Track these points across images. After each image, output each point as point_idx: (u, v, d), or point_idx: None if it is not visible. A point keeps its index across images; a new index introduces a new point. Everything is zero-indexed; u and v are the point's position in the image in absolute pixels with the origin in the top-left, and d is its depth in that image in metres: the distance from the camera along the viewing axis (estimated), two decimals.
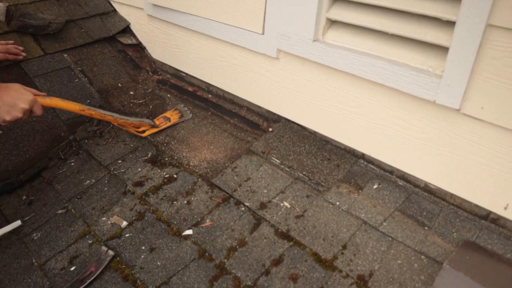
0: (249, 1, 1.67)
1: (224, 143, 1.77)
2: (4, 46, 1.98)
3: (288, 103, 1.74)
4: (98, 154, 1.82)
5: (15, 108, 1.47)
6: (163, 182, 1.65)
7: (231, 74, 1.90)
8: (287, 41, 1.60)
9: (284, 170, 1.60)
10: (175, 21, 2.02)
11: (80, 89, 2.03)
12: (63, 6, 2.28)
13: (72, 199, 1.66)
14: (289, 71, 1.67)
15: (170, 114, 1.98)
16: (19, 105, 1.48)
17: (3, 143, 1.79)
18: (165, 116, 1.96)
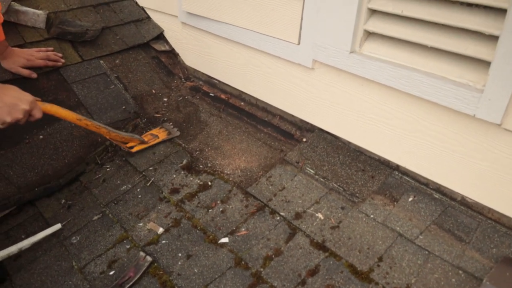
0: (285, 11, 1.68)
1: (258, 152, 1.80)
2: (44, 53, 2.04)
3: (322, 113, 1.75)
4: (134, 160, 1.86)
5: (16, 109, 1.44)
6: (198, 189, 1.68)
7: (265, 83, 1.92)
8: (324, 52, 1.61)
9: (318, 181, 1.61)
10: (209, 29, 2.05)
11: (116, 96, 2.08)
12: (99, 13, 2.34)
13: (109, 204, 1.70)
14: (324, 82, 1.68)
15: (157, 131, 1.98)
16: (20, 106, 1.44)
17: (44, 148, 1.85)
18: (152, 133, 1.97)
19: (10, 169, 1.76)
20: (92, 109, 2.00)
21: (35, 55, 2.01)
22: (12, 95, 1.44)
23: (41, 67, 2.02)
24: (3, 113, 1.42)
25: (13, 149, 1.81)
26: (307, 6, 1.61)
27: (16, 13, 2.09)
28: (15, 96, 1.45)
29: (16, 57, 1.96)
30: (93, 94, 2.06)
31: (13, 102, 1.43)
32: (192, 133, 1.95)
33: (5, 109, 1.41)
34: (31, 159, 1.81)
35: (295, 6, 1.65)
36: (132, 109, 2.05)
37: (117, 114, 2.01)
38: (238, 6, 1.85)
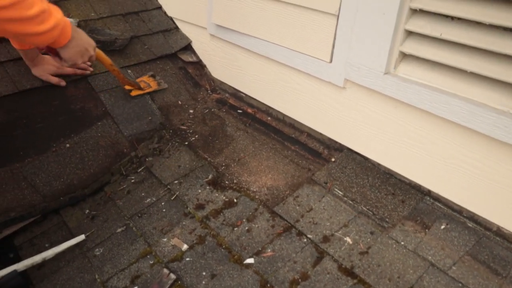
0: (318, 29, 1.66)
1: (285, 170, 1.77)
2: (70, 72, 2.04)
3: (352, 133, 1.71)
4: (159, 172, 1.85)
5: (86, 53, 1.61)
6: (223, 206, 1.66)
7: (294, 99, 1.89)
8: (356, 71, 1.58)
9: (347, 203, 1.57)
10: (238, 42, 2.04)
11: (142, 106, 2.08)
12: (128, 22, 2.34)
13: (133, 217, 1.69)
14: (356, 102, 1.65)
15: (147, 79, 2.20)
16: (89, 51, 1.62)
17: (70, 157, 1.85)
18: (144, 80, 2.19)
19: (36, 177, 1.77)
20: (118, 119, 2.00)
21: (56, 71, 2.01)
22: (85, 40, 1.60)
23: (70, 75, 2.03)
24: (78, 56, 1.59)
25: (40, 157, 1.82)
26: (341, 24, 1.58)
27: None
28: (86, 41, 1.61)
29: (46, 64, 1.98)
30: (120, 103, 2.06)
31: (85, 46, 1.60)
32: (218, 147, 1.93)
33: (79, 52, 1.59)
34: (57, 167, 1.81)
35: (328, 24, 1.62)
36: (158, 120, 2.04)
37: (143, 125, 2.01)
38: (269, 21, 1.83)
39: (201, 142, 1.97)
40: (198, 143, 1.97)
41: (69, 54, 1.59)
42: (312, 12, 1.66)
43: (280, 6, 1.76)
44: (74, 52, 1.60)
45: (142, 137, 1.98)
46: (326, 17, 1.62)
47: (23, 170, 1.77)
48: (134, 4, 2.43)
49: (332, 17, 1.60)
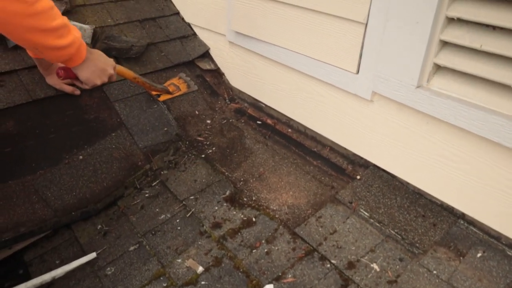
0: (344, 37, 1.56)
1: (307, 187, 1.67)
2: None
3: (378, 148, 1.60)
4: (174, 187, 1.77)
5: (105, 73, 1.58)
6: (241, 225, 1.56)
7: (316, 111, 1.79)
8: (385, 84, 1.47)
9: (373, 225, 1.47)
10: (258, 50, 1.95)
11: (158, 116, 2.00)
12: (145, 28, 2.28)
13: (147, 234, 1.61)
14: (384, 116, 1.54)
15: (177, 81, 2.16)
16: (108, 71, 1.58)
17: (83, 169, 1.78)
18: (173, 83, 2.15)
19: (48, 190, 1.71)
20: (133, 130, 1.93)
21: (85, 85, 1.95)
22: (102, 60, 1.57)
23: None
24: (96, 76, 1.56)
25: (52, 169, 1.76)
26: (370, 33, 1.47)
27: None
28: (104, 62, 1.58)
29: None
30: (135, 113, 1.99)
31: (103, 67, 1.57)
32: (236, 160, 1.85)
33: (97, 73, 1.55)
34: (70, 180, 1.75)
35: (355, 33, 1.52)
36: (174, 131, 1.96)
37: (158, 136, 1.93)
38: (291, 29, 1.73)
39: (219, 155, 1.89)
40: (215, 156, 1.89)
41: (86, 75, 1.55)
42: (338, 20, 1.56)
43: (304, 14, 1.66)
44: (91, 72, 1.56)
45: (157, 148, 1.90)
46: (353, 26, 1.52)
47: (35, 183, 1.71)
48: (151, 10, 2.37)
49: (360, 25, 1.50)
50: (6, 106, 1.82)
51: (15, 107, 1.84)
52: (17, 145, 1.77)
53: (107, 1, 2.30)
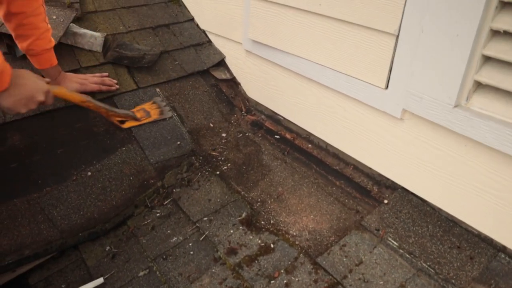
0: (372, 50, 1.43)
1: (329, 211, 1.54)
2: (99, 78, 1.90)
3: (408, 170, 1.47)
4: (187, 207, 1.66)
5: (32, 100, 1.43)
6: (258, 252, 1.45)
7: (339, 127, 1.67)
8: (418, 102, 1.34)
9: (403, 257, 1.34)
10: (277, 60, 1.83)
11: (171, 129, 1.90)
12: (158, 36, 2.18)
13: (157, 259, 1.51)
14: (415, 136, 1.41)
15: (149, 107, 1.95)
16: (36, 98, 1.44)
17: (91, 187, 1.69)
18: (144, 108, 1.93)
19: (54, 209, 1.62)
20: (144, 143, 1.83)
21: (89, 79, 1.88)
22: (29, 85, 1.42)
23: (94, 92, 1.88)
24: (20, 105, 1.41)
25: (59, 186, 1.67)
26: (402, 46, 1.35)
27: (74, 36, 1.97)
28: (32, 88, 1.43)
29: (69, 82, 1.84)
30: (146, 126, 1.89)
31: (30, 94, 1.42)
32: (253, 178, 1.73)
33: (22, 101, 1.41)
34: (77, 198, 1.66)
35: (385, 45, 1.39)
36: (188, 145, 1.86)
37: (171, 151, 1.83)
38: (314, 39, 1.61)
39: (234, 172, 1.77)
40: (230, 173, 1.78)
41: (8, 104, 1.39)
42: (366, 30, 1.43)
43: (329, 23, 1.54)
44: (14, 101, 1.39)
45: (169, 164, 1.80)
46: (383, 37, 1.39)
47: (41, 201, 1.62)
48: (164, 16, 2.27)
49: (390, 37, 1.37)
50: (13, 118, 1.75)
51: (21, 120, 1.76)
52: (23, 161, 1.69)
53: (119, 7, 2.21)
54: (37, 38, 1.68)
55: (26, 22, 1.64)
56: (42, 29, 1.69)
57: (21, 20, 1.63)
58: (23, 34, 1.67)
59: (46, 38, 1.72)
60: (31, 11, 1.63)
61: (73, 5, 2.06)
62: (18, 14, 1.61)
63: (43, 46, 1.71)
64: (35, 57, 1.74)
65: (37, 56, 1.73)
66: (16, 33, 1.67)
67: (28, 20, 1.64)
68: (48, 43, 1.73)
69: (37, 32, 1.68)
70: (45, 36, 1.72)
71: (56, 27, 1.91)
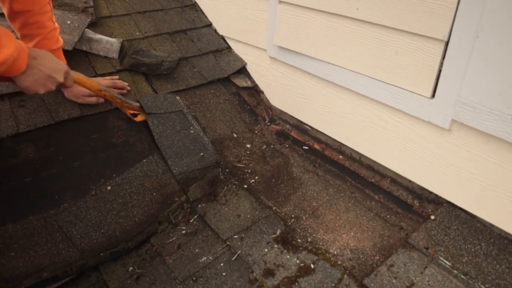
0: (417, 57, 1.35)
1: (371, 227, 1.45)
2: (111, 81, 1.80)
3: (455, 184, 1.39)
4: (215, 223, 1.56)
5: (51, 81, 1.38)
6: (298, 273, 1.35)
7: (375, 138, 1.58)
8: (470, 112, 1.25)
9: (458, 278, 1.25)
10: (306, 68, 1.74)
11: (193, 139, 1.79)
12: (175, 42, 2.08)
13: (187, 281, 1.40)
14: (464, 148, 1.33)
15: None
16: (55, 78, 1.38)
17: (111, 202, 1.58)
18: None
19: (73, 227, 1.51)
20: (167, 152, 1.71)
21: (100, 82, 1.77)
22: (49, 66, 1.36)
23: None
24: (38, 85, 1.35)
25: (77, 202, 1.56)
26: (452, 52, 1.26)
27: (89, 42, 1.86)
28: (51, 68, 1.36)
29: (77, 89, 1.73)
30: (168, 133, 1.77)
31: (50, 74, 1.36)
32: (284, 192, 1.63)
33: (41, 81, 1.35)
34: (97, 215, 1.55)
35: (432, 52, 1.31)
36: (211, 156, 1.75)
37: (194, 162, 1.72)
38: (349, 45, 1.53)
39: (263, 186, 1.68)
40: (259, 186, 1.68)
41: (26, 83, 1.33)
42: (410, 36, 1.35)
43: (366, 28, 1.46)
44: (33, 81, 1.33)
45: (193, 176, 1.69)
46: (429, 43, 1.31)
47: (58, 219, 1.51)
48: (181, 22, 2.17)
49: (439, 43, 1.29)
50: (27, 129, 1.64)
51: (36, 130, 1.66)
52: (38, 174, 1.58)
53: (135, 12, 2.11)
54: (43, 38, 1.59)
55: (32, 21, 1.54)
56: (48, 28, 1.59)
57: (26, 19, 1.53)
58: (29, 33, 1.57)
59: (53, 37, 1.62)
60: (37, 9, 1.53)
61: (87, 9, 1.96)
62: (23, 13, 1.51)
63: (50, 46, 1.61)
64: None
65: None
66: (22, 33, 1.57)
67: (34, 19, 1.54)
68: (55, 42, 1.63)
69: (44, 31, 1.58)
70: (52, 36, 1.62)
71: (70, 32, 1.81)
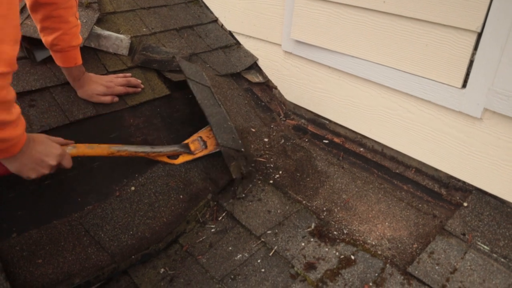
0: (447, 48, 1.38)
1: (404, 217, 1.47)
2: (124, 79, 1.74)
3: (486, 172, 1.43)
4: (245, 220, 1.54)
5: (42, 165, 1.32)
6: (339, 265, 1.35)
7: (401, 129, 1.60)
8: (505, 101, 1.29)
9: (498, 261, 1.28)
10: (326, 61, 1.75)
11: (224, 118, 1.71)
12: (183, 38, 2.04)
13: (225, 279, 1.37)
14: (496, 136, 1.37)
15: (206, 135, 1.71)
16: (46, 162, 1.33)
17: (137, 203, 1.53)
18: (200, 137, 1.70)
19: (100, 229, 1.45)
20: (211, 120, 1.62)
21: (114, 81, 1.71)
22: (39, 150, 1.31)
23: (122, 94, 1.72)
24: (28, 169, 1.29)
25: (102, 204, 1.50)
26: (485, 42, 1.30)
27: (97, 38, 1.79)
28: (42, 151, 1.32)
29: (94, 84, 1.67)
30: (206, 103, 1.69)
31: (40, 158, 1.31)
32: (311, 186, 1.63)
33: (30, 166, 1.29)
34: (124, 217, 1.49)
35: (464, 43, 1.34)
36: (239, 141, 1.71)
37: (229, 140, 1.66)
38: (375, 38, 1.54)
39: (289, 180, 1.67)
40: (285, 181, 1.67)
41: (13, 167, 1.26)
42: (440, 28, 1.38)
43: (393, 21, 1.48)
44: (19, 166, 1.27)
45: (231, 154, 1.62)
46: (461, 35, 1.34)
47: (83, 222, 1.45)
48: (187, 17, 2.13)
49: (471, 34, 1.32)
50: (40, 130, 1.56)
51: (50, 131, 1.57)
52: (56, 176, 1.51)
53: (139, 8, 2.05)
54: (64, 33, 1.52)
55: (55, 14, 1.47)
56: (71, 23, 1.52)
57: (50, 11, 1.46)
58: (50, 26, 1.50)
59: (74, 34, 1.56)
60: (62, 3, 1.46)
61: (92, 5, 1.89)
62: (47, 5, 1.44)
63: (70, 42, 1.55)
64: (59, 54, 1.57)
65: (62, 52, 1.56)
66: (42, 25, 1.50)
67: (57, 12, 1.47)
68: (75, 39, 1.57)
69: (66, 27, 1.51)
70: (74, 32, 1.55)
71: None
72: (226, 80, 1.98)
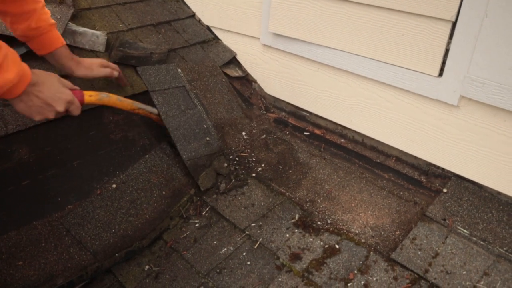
0: (423, 38, 1.40)
1: (386, 205, 1.49)
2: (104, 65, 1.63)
3: (462, 157, 1.46)
4: (229, 213, 1.54)
5: (49, 109, 1.26)
6: (324, 254, 1.37)
7: (380, 119, 1.62)
8: (479, 88, 1.32)
9: (478, 244, 1.32)
10: (305, 54, 1.75)
11: (198, 121, 1.69)
12: (161, 33, 2.02)
13: (211, 273, 1.37)
14: (473, 122, 1.40)
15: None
16: (54, 107, 1.26)
17: (119, 200, 1.51)
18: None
19: (81, 229, 1.43)
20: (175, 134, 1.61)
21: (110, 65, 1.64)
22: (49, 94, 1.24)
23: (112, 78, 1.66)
24: (33, 112, 1.24)
25: (83, 202, 1.48)
26: (460, 31, 1.33)
27: (72, 35, 1.76)
28: (51, 96, 1.24)
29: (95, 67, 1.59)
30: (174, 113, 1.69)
31: (47, 102, 1.24)
32: (294, 178, 1.64)
33: (35, 108, 1.23)
34: (106, 215, 1.48)
35: (439, 32, 1.37)
36: (215, 142, 1.71)
37: (201, 147, 1.66)
38: (352, 29, 1.56)
39: (271, 173, 1.67)
40: (267, 174, 1.67)
41: (18, 108, 1.22)
42: (415, 18, 1.40)
43: (369, 12, 1.49)
44: (27, 106, 1.22)
45: (201, 163, 1.63)
46: (436, 24, 1.36)
47: (65, 221, 1.43)
48: (163, 13, 2.11)
49: (446, 23, 1.35)
50: (16, 129, 1.52)
51: (27, 130, 1.54)
52: (35, 177, 1.48)
53: (115, 4, 2.02)
54: (41, 13, 1.41)
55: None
56: (41, 2, 1.43)
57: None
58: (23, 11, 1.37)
59: (48, 12, 1.47)
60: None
61: (65, 1, 1.84)
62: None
63: (48, 20, 1.45)
64: (41, 38, 1.45)
65: (45, 34, 1.45)
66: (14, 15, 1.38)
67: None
68: (51, 18, 1.47)
69: (38, 6, 1.41)
70: (47, 11, 1.46)
71: None
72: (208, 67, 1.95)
